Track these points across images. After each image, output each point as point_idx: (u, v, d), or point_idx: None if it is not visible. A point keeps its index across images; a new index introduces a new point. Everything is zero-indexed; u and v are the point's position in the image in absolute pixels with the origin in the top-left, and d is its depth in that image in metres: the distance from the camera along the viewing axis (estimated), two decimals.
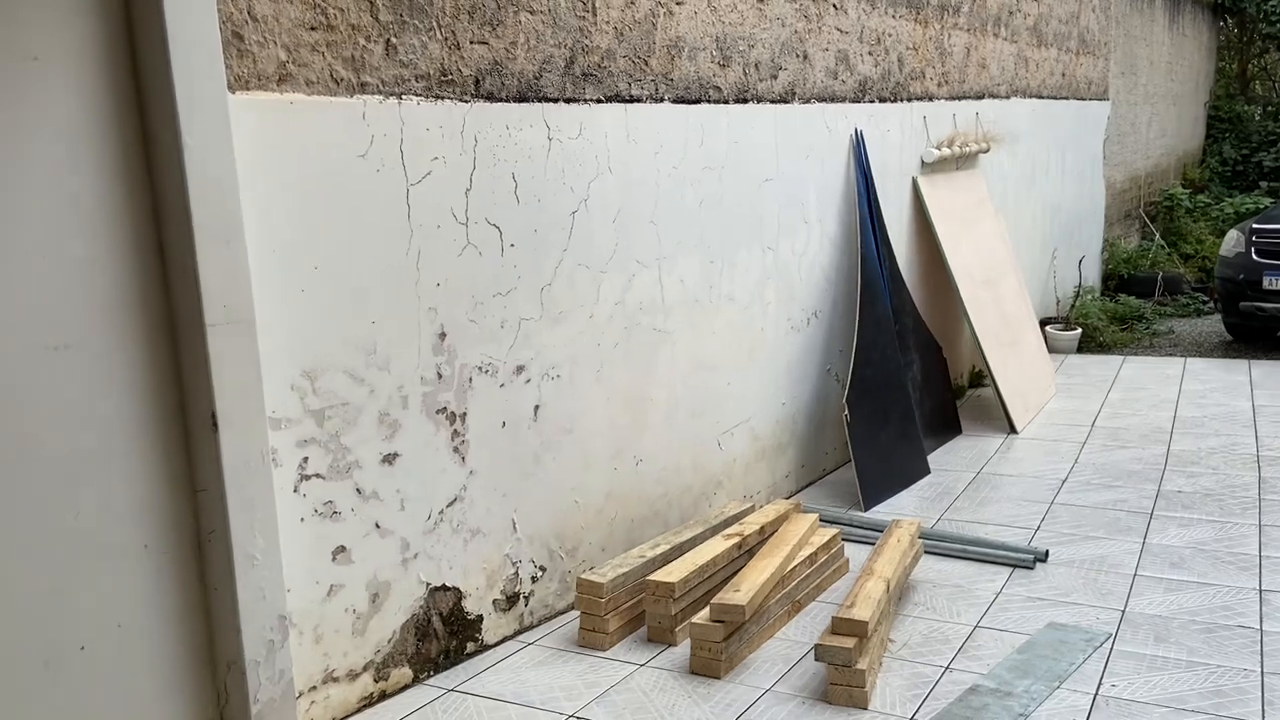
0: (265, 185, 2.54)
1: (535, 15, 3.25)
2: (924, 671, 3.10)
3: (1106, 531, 4.16)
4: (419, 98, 2.91)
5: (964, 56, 6.23)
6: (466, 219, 3.08)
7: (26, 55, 2.10)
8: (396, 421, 2.93)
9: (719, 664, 3.08)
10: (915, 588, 3.67)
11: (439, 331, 3.03)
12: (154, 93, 2.26)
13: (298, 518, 2.69)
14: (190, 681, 2.47)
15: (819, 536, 3.76)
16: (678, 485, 4.04)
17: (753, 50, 4.26)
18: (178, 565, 2.42)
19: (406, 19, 2.86)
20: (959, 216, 5.95)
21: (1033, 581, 3.72)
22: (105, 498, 2.28)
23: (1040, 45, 7.59)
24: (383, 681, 2.98)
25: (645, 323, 3.80)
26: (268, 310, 2.56)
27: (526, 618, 3.43)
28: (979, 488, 4.77)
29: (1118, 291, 9.37)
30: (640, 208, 3.72)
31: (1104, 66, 9.40)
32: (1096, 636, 3.28)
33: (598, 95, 3.51)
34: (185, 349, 2.37)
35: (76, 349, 2.20)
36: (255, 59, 2.52)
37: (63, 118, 2.16)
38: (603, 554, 3.68)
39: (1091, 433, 5.54)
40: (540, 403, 3.38)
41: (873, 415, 4.72)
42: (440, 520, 3.09)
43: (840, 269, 4.99)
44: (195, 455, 2.41)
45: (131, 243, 2.29)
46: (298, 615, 2.71)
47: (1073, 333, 7.55)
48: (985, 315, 5.77)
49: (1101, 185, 9.62)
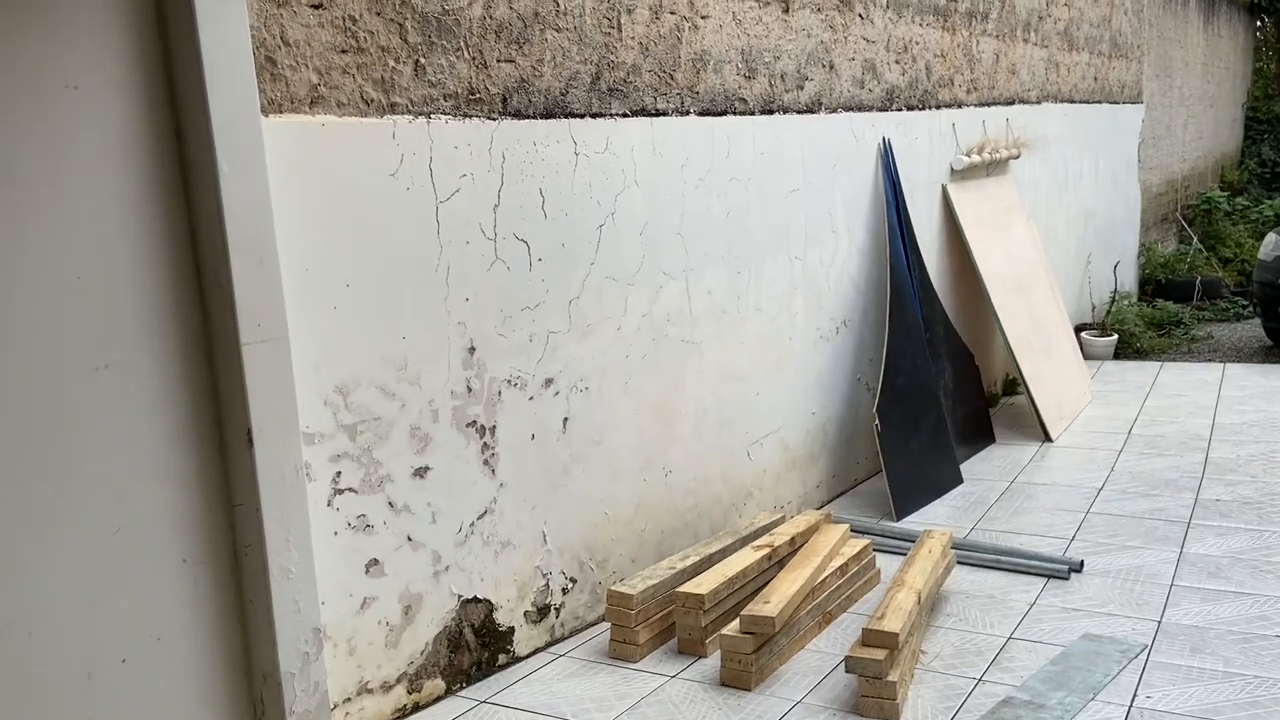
0: (298, 205, 2.60)
1: (561, 33, 3.29)
2: (956, 683, 3.08)
3: (1143, 541, 4.11)
4: (447, 116, 2.96)
5: (993, 62, 6.20)
6: (495, 234, 3.12)
7: (66, 84, 2.17)
8: (427, 435, 2.96)
9: (749, 675, 3.09)
10: (948, 599, 3.65)
11: (468, 346, 3.07)
12: (190, 118, 2.32)
13: (331, 531, 2.74)
14: (227, 693, 2.52)
15: (850, 547, 3.75)
16: (707, 496, 4.05)
17: (778, 61, 4.28)
18: (215, 579, 2.47)
19: (435, 40, 2.91)
20: (990, 223, 5.92)
21: (1067, 592, 3.68)
22: (145, 512, 2.33)
23: (1071, 49, 7.53)
24: (416, 693, 3.01)
25: (673, 334, 3.82)
26: (301, 327, 2.61)
27: (557, 629, 3.45)
28: (1013, 497, 4.73)
29: (1155, 296, 9.24)
30: (667, 220, 3.74)
31: (1137, 69, 9.30)
32: (1132, 648, 3.24)
33: (623, 110, 3.54)
34: (222, 366, 2.43)
35: (118, 368, 2.26)
36: (288, 82, 2.58)
37: (102, 144, 2.23)
38: (633, 566, 3.70)
39: (1128, 440, 5.48)
40: (569, 415, 3.41)
41: (904, 424, 4.70)
42: (471, 532, 3.12)
43: (869, 278, 4.98)
44: (232, 470, 2.47)
45: (170, 264, 2.35)
46: (332, 627, 2.75)
47: (1109, 339, 7.46)
48: (1018, 322, 5.73)
49: (1136, 189, 9.50)
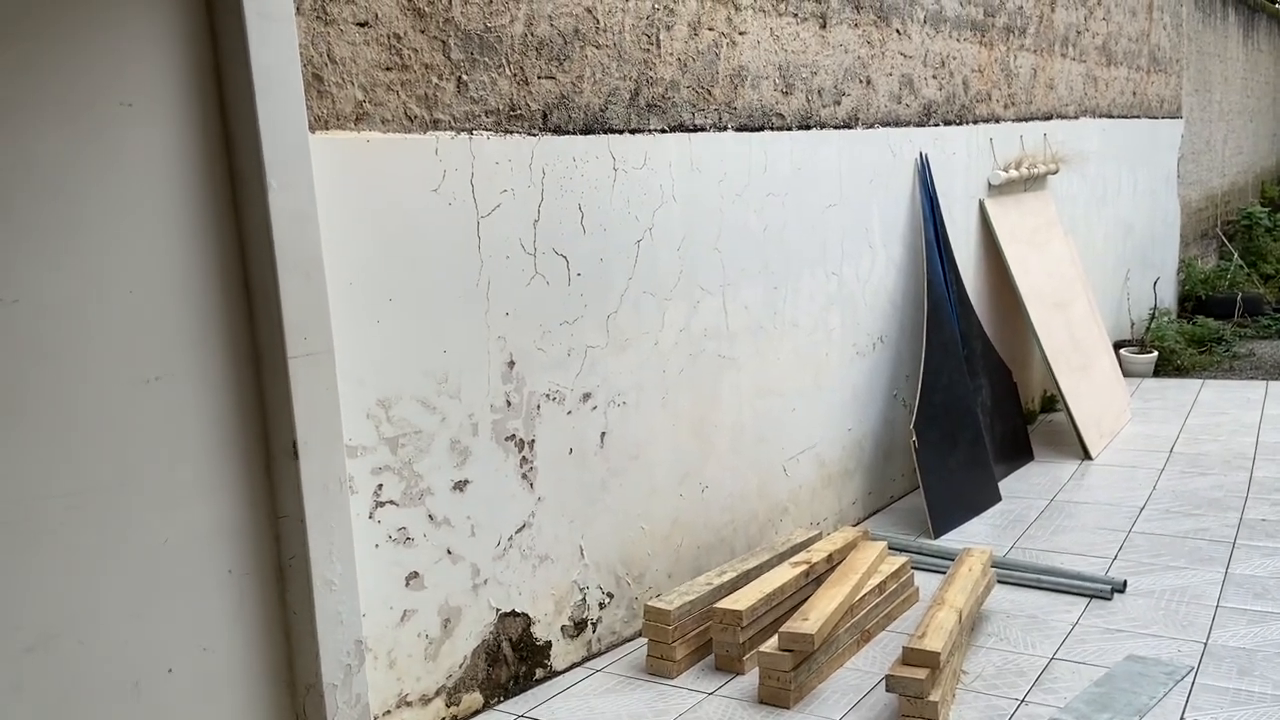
0: (342, 220, 2.63)
1: (601, 49, 3.31)
2: (998, 704, 3.04)
3: (1187, 561, 4.04)
4: (489, 132, 2.99)
5: (1030, 77, 6.17)
6: (534, 249, 3.14)
7: (120, 101, 2.21)
8: (467, 449, 2.98)
9: (788, 693, 3.06)
10: (988, 618, 3.61)
11: (508, 360, 3.09)
12: (240, 135, 2.36)
13: (373, 544, 2.75)
14: (271, 703, 2.53)
15: (888, 565, 3.72)
16: (744, 512, 4.03)
17: (815, 77, 4.28)
18: (260, 590, 2.49)
19: (477, 57, 2.94)
20: (1027, 239, 5.87)
21: (1110, 613, 3.63)
22: (193, 524, 2.36)
23: (1109, 64, 7.47)
24: (454, 706, 3.02)
25: (710, 349, 3.82)
26: (345, 341, 2.63)
27: (594, 644, 3.45)
28: (1053, 515, 4.67)
29: (1195, 313, 9.12)
30: (704, 235, 3.75)
31: (1176, 84, 9.21)
32: (1178, 670, 3.19)
33: (662, 126, 3.56)
34: (268, 379, 2.46)
35: (169, 380, 2.30)
36: (334, 99, 2.62)
37: (155, 160, 2.27)
38: (669, 581, 3.69)
39: (1170, 459, 5.40)
40: (607, 430, 3.41)
41: (941, 441, 4.66)
42: (509, 546, 3.13)
43: (906, 293, 4.96)
44: (277, 482, 2.49)
45: (219, 278, 2.39)
46: (372, 640, 2.77)
47: (1148, 356, 7.37)
48: (1056, 338, 5.67)
49: (1176, 204, 9.39)
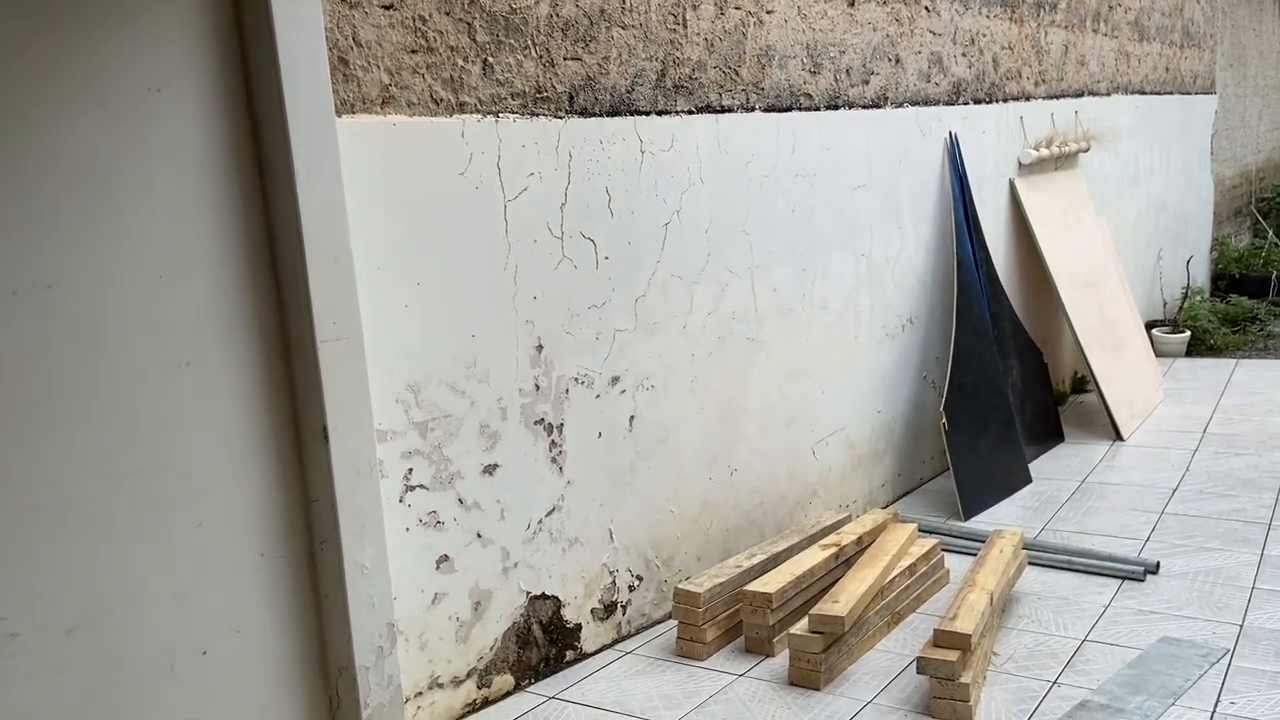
0: (369, 204, 2.63)
1: (627, 30, 3.29)
2: (1030, 686, 3.02)
3: (1221, 542, 3.99)
4: (515, 115, 2.97)
5: (1062, 54, 6.07)
6: (562, 233, 3.13)
7: (150, 87, 2.22)
8: (496, 433, 2.98)
9: (818, 675, 3.06)
10: (1019, 600, 3.58)
11: (536, 344, 3.08)
12: (268, 120, 2.36)
13: (403, 527, 2.77)
14: (304, 686, 2.56)
15: (918, 547, 3.70)
16: (773, 494, 4.02)
17: (844, 56, 4.23)
18: (292, 573, 2.51)
19: (503, 39, 2.93)
20: (1058, 218, 5.79)
21: (1143, 594, 3.59)
22: (225, 508, 2.38)
23: (1142, 40, 7.34)
24: (485, 688, 3.03)
25: (738, 332, 3.80)
26: (373, 326, 2.64)
27: (624, 627, 3.45)
28: (1084, 497, 4.63)
29: (1228, 292, 8.98)
30: (732, 217, 3.72)
31: (1210, 59, 9.03)
32: (1213, 652, 3.15)
33: (689, 107, 3.53)
34: (298, 364, 2.46)
35: (200, 366, 2.31)
36: (360, 83, 2.61)
37: (183, 145, 2.27)
38: (698, 564, 3.69)
39: (1203, 439, 5.32)
40: (635, 413, 3.41)
41: (971, 423, 4.62)
42: (539, 529, 3.14)
43: (935, 274, 4.91)
44: (308, 467, 2.50)
45: (248, 263, 2.40)
46: (404, 622, 2.78)
47: (1181, 335, 7.26)
48: (1087, 318, 5.60)
49: (1209, 182, 9.24)
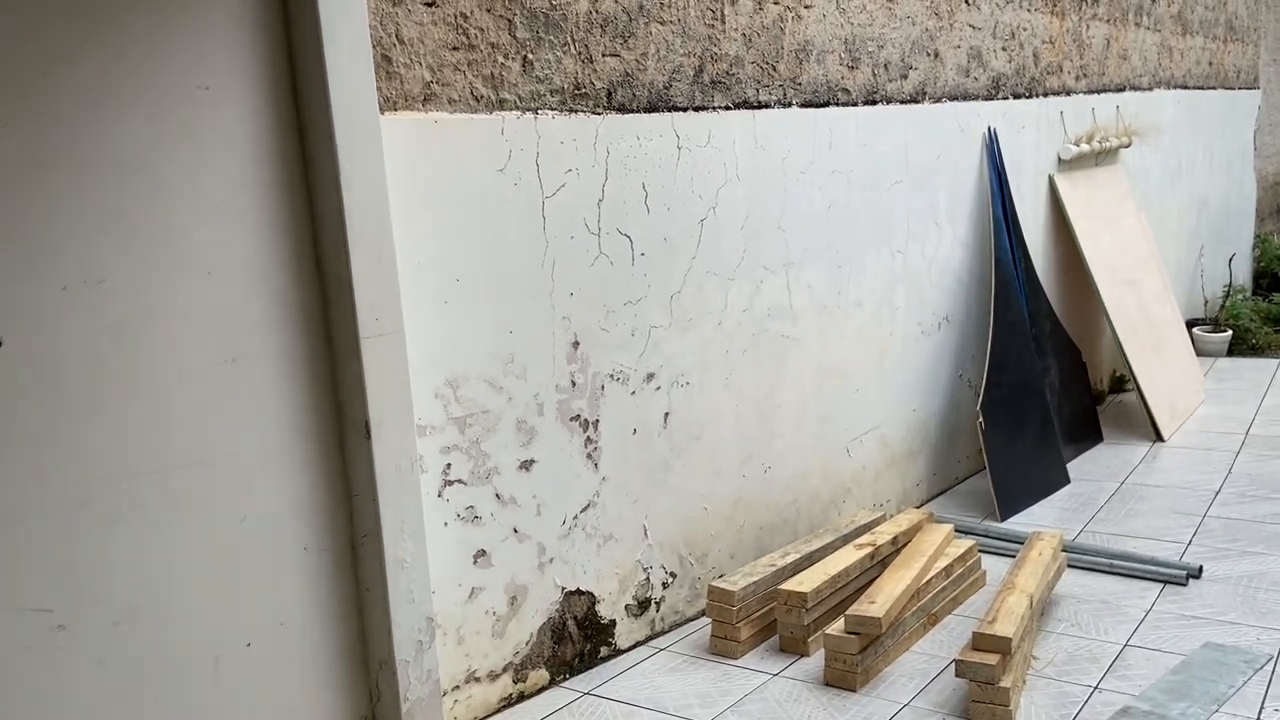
0: (411, 201, 2.64)
1: (665, 25, 3.28)
2: (1071, 691, 2.99)
3: (1265, 546, 3.93)
4: (554, 112, 2.97)
5: (1103, 48, 5.99)
6: (599, 229, 3.13)
7: (199, 85, 2.24)
8: (533, 429, 2.99)
9: (854, 676, 3.04)
10: (1058, 603, 3.55)
11: (572, 340, 3.09)
12: (313, 117, 2.38)
13: (441, 522, 2.78)
14: (346, 679, 2.58)
15: (955, 548, 3.67)
16: (807, 493, 4.00)
17: (882, 50, 4.20)
18: (334, 567, 2.54)
19: (542, 35, 2.93)
20: (1098, 215, 5.71)
21: (1185, 599, 3.54)
22: (269, 502, 2.41)
23: (1185, 34, 7.22)
24: (521, 683, 3.05)
25: (773, 329, 3.78)
26: (413, 322, 2.65)
27: (658, 623, 3.45)
28: (1124, 499, 4.57)
29: (1271, 290, 8.82)
30: (768, 214, 3.71)
31: (1254, 53, 8.87)
32: (1258, 658, 3.10)
33: (726, 103, 3.52)
34: (341, 360, 2.48)
35: (246, 361, 2.33)
36: (402, 80, 2.62)
37: (231, 143, 2.30)
38: (732, 561, 3.68)
39: (1246, 441, 5.24)
40: (670, 410, 3.41)
41: (1009, 422, 4.58)
42: (574, 525, 3.15)
43: (972, 272, 4.86)
44: (350, 461, 2.53)
45: (293, 259, 2.42)
46: (442, 617, 2.80)
47: (1222, 335, 7.15)
48: (1127, 317, 5.52)
49: (1252, 178, 9.08)
